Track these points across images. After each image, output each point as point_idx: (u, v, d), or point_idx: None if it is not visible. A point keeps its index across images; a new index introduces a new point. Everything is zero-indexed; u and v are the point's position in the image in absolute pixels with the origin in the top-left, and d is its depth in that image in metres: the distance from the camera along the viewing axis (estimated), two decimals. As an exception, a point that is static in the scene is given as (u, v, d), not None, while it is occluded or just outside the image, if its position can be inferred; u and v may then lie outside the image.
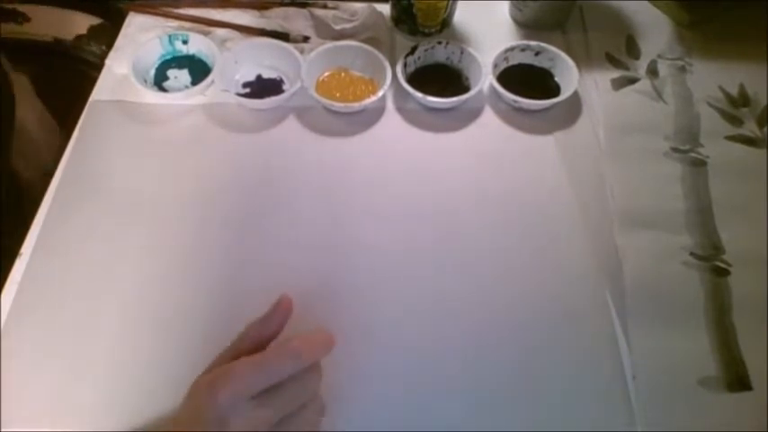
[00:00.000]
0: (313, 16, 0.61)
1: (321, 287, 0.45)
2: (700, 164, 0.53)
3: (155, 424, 0.39)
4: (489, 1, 0.66)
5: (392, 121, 0.56)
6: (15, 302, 0.44)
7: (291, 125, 0.55)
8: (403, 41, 0.62)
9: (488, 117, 0.56)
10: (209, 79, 0.55)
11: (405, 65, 0.56)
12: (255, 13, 0.62)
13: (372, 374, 0.42)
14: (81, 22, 0.68)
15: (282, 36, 0.59)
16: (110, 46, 0.59)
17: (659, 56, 0.61)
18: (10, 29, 0.67)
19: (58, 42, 0.67)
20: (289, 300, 0.37)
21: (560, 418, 0.40)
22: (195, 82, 0.56)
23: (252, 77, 0.57)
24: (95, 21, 0.69)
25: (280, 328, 0.37)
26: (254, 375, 0.32)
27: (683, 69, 0.60)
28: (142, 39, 0.58)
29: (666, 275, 0.47)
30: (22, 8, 0.67)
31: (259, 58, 0.58)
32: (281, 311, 0.37)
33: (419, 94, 0.54)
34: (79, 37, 0.68)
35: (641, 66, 0.60)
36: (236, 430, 0.31)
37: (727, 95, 0.58)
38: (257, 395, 0.32)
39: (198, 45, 0.58)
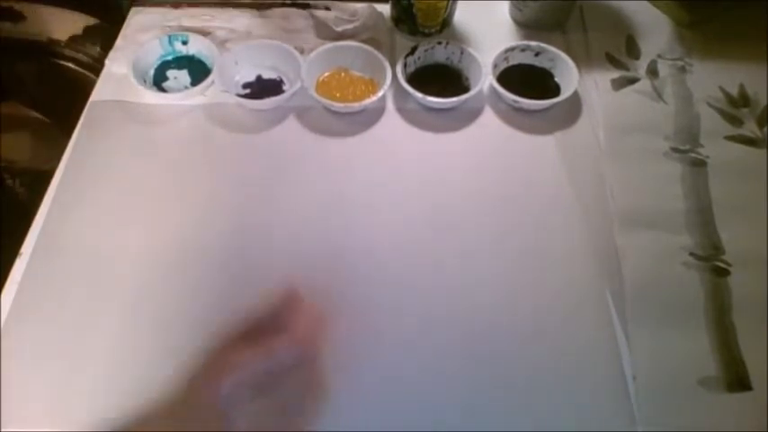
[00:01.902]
0: (313, 17, 0.61)
1: (320, 286, 0.45)
2: (700, 164, 0.53)
3: (148, 413, 0.37)
4: (489, 1, 0.66)
5: (392, 122, 0.56)
6: (15, 302, 0.44)
7: (291, 125, 0.55)
8: (403, 41, 0.61)
9: (488, 117, 0.56)
10: (209, 80, 0.55)
11: (405, 65, 0.56)
12: (255, 12, 0.62)
13: (369, 373, 0.42)
14: (77, 23, 0.68)
15: (303, 5, 0.59)
16: (106, 47, 0.59)
17: (659, 56, 0.61)
18: (5, 27, 0.67)
19: (52, 42, 0.67)
20: (296, 292, 0.37)
21: (560, 418, 0.40)
22: (195, 83, 0.56)
23: (252, 78, 0.57)
24: (92, 21, 0.68)
25: (283, 321, 0.36)
26: (255, 364, 0.32)
27: (683, 69, 0.60)
28: (142, 39, 0.58)
29: (666, 275, 0.47)
30: (17, 7, 0.67)
31: (259, 59, 0.58)
32: (287, 305, 0.37)
33: (419, 95, 0.54)
34: (74, 37, 0.67)
35: (641, 66, 0.60)
36: (237, 420, 0.31)
37: (727, 95, 0.58)
38: (257, 384, 0.32)
39: (198, 46, 0.58)
